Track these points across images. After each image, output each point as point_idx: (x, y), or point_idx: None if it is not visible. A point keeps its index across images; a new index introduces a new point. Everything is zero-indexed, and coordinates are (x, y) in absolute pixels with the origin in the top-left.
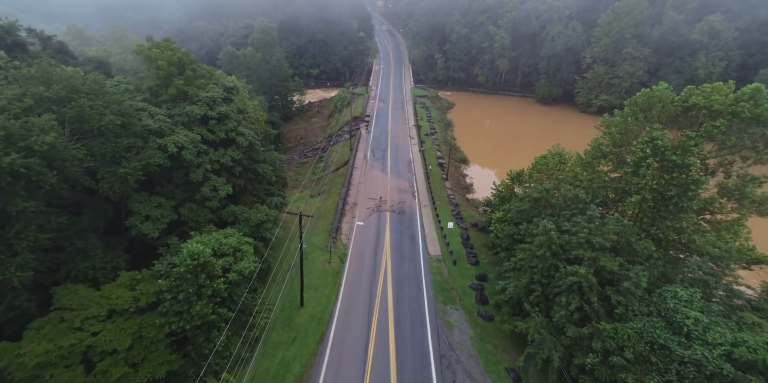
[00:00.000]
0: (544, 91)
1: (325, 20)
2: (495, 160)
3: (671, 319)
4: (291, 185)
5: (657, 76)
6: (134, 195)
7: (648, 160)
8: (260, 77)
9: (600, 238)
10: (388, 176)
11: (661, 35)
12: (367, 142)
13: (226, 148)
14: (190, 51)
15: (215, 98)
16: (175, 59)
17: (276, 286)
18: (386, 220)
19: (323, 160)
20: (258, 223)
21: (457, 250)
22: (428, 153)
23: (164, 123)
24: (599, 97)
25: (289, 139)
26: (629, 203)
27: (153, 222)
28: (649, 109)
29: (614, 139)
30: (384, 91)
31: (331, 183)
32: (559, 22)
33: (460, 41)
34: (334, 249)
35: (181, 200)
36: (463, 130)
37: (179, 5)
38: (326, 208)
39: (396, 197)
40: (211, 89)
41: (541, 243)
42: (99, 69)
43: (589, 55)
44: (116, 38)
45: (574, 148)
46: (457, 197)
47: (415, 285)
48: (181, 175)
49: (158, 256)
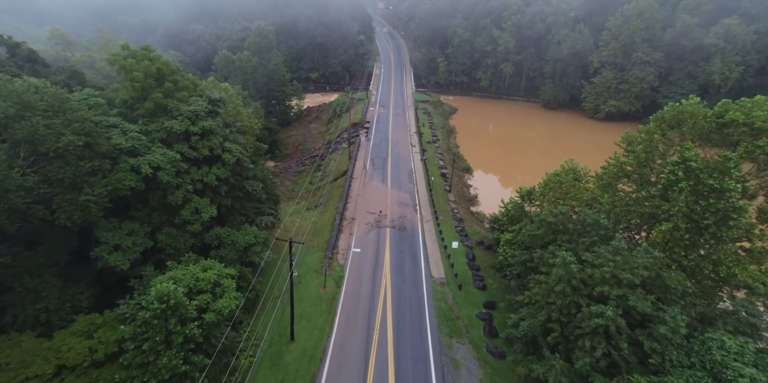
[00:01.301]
0: (550, 95)
1: (324, 23)
2: (500, 168)
3: (720, 376)
4: (287, 196)
5: (668, 81)
6: (101, 222)
7: (680, 183)
8: (257, 82)
9: (628, 274)
10: (388, 188)
11: (673, 39)
12: (367, 150)
13: (211, 165)
14: (185, 55)
15: (198, 112)
16: (153, 70)
17: (265, 316)
18: (386, 237)
19: (321, 168)
20: (246, 247)
21: (462, 272)
22: (430, 162)
23: (138, 141)
24: (607, 103)
25: (287, 146)
26: (658, 231)
27: (123, 252)
28: (678, 125)
29: (638, 158)
30: (384, 96)
31: (329, 195)
32: (566, 26)
33: (462, 45)
34: (329, 272)
35: (158, 224)
36: (466, 137)
37: (174, 8)
38: (322, 224)
39: (396, 211)
40: (194, 102)
41: (559, 276)
42: (72, 79)
43: (596, 59)
44: (103, 43)
45: (583, 156)
46: (461, 211)
47: (418, 314)
48: (159, 197)
49: (130, 290)
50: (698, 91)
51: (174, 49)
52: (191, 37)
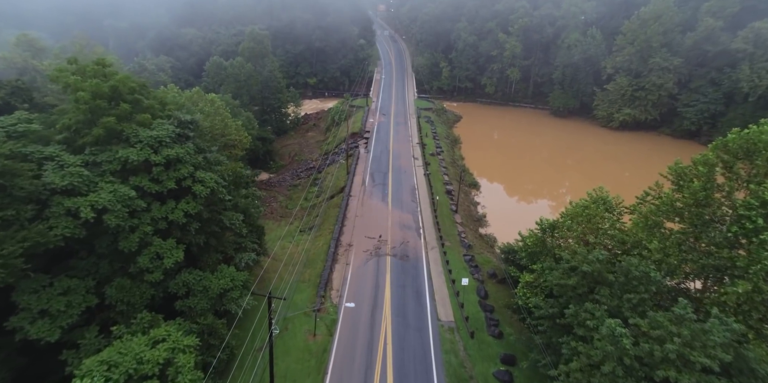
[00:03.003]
0: (559, 102)
1: (322, 27)
2: (508, 180)
3: None
4: (280, 213)
5: (689, 89)
6: (23, 282)
7: (762, 235)
8: (251, 90)
9: (702, 356)
10: (389, 207)
11: (695, 44)
12: (366, 164)
13: (179, 199)
14: (177, 60)
15: (162, 138)
16: (104, 89)
17: (243, 377)
18: (386, 269)
19: (317, 183)
20: (221, 293)
21: (473, 314)
22: (434, 177)
23: (78, 177)
24: (622, 111)
25: (283, 156)
26: (732, 292)
27: (53, 318)
28: (747, 156)
29: (695, 197)
30: (385, 103)
31: (324, 214)
32: (576, 29)
33: (467, 49)
34: (320, 314)
35: (108, 275)
36: (471, 146)
37: (166, 11)
38: (316, 251)
39: (398, 236)
40: (158, 126)
41: (607, 352)
42: (15, 96)
43: (610, 64)
44: (77, 50)
45: (597, 167)
46: (469, 235)
47: (424, 372)
48: (107, 242)
49: (62, 364)
50: (723, 99)
51: (165, 54)
52: (183, 42)
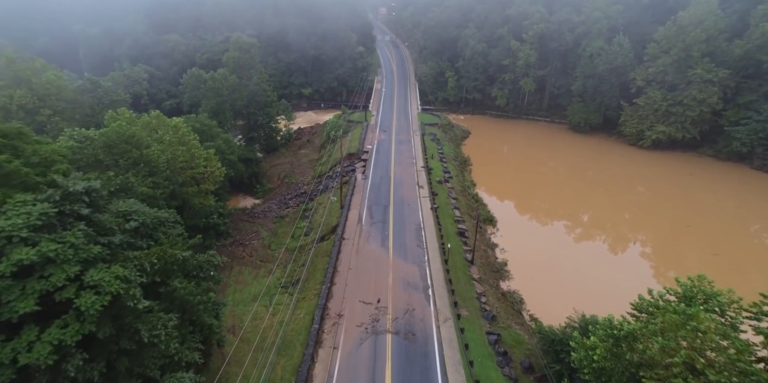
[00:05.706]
0: (580, 117)
1: (318, 34)
2: (527, 208)
3: None
4: (262, 256)
5: (736, 104)
6: None
7: None
8: (234, 105)
9: None
10: (389, 255)
11: (746, 53)
12: (364, 194)
13: (44, 326)
14: (157, 69)
15: (11, 232)
16: None
17: None
18: (386, 355)
19: (307, 215)
20: None
21: None
22: (443, 211)
23: None
24: (655, 128)
25: (271, 178)
26: None
27: None
28: None
29: None
30: (386, 117)
31: (311, 265)
32: (600, 36)
33: (475, 57)
34: None
35: None
36: (481, 166)
37: (144, 16)
38: (295, 327)
39: (401, 300)
40: (15, 207)
41: None
42: None
43: (640, 76)
44: (5, 63)
45: (631, 193)
46: (490, 297)
47: None
48: None
49: None
50: None
51: (145, 63)
52: (165, 49)
